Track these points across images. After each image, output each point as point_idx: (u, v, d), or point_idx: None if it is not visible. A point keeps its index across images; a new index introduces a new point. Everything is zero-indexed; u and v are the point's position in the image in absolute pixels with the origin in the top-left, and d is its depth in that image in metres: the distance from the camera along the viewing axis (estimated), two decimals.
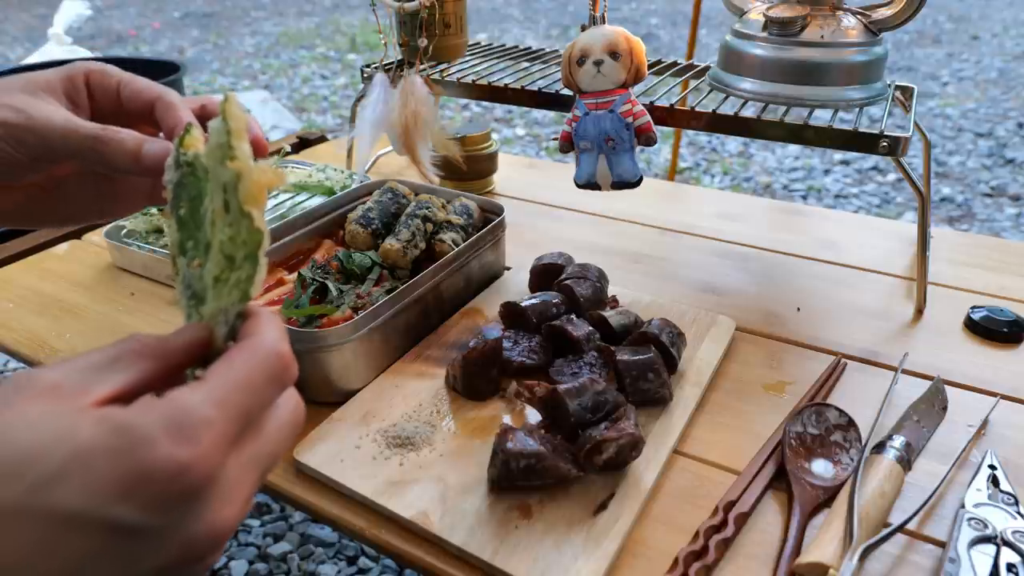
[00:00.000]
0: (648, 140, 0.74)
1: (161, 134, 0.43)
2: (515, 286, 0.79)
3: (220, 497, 0.24)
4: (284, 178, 0.28)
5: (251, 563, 1.33)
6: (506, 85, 0.88)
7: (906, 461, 0.54)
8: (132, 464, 0.22)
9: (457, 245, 0.75)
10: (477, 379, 0.62)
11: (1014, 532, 0.48)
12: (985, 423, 0.60)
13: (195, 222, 0.30)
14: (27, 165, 0.41)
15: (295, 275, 0.72)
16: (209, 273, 0.29)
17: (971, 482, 0.53)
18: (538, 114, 3.58)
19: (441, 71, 0.94)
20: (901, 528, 0.49)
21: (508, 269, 0.83)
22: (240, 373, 0.26)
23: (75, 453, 0.21)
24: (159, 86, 0.44)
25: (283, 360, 0.27)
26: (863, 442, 0.57)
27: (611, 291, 0.76)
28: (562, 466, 0.51)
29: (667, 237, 0.94)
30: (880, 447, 0.55)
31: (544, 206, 1.04)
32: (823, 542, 0.47)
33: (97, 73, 0.43)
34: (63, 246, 0.95)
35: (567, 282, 0.71)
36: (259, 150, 0.41)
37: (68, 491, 0.21)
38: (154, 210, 0.83)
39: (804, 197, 2.77)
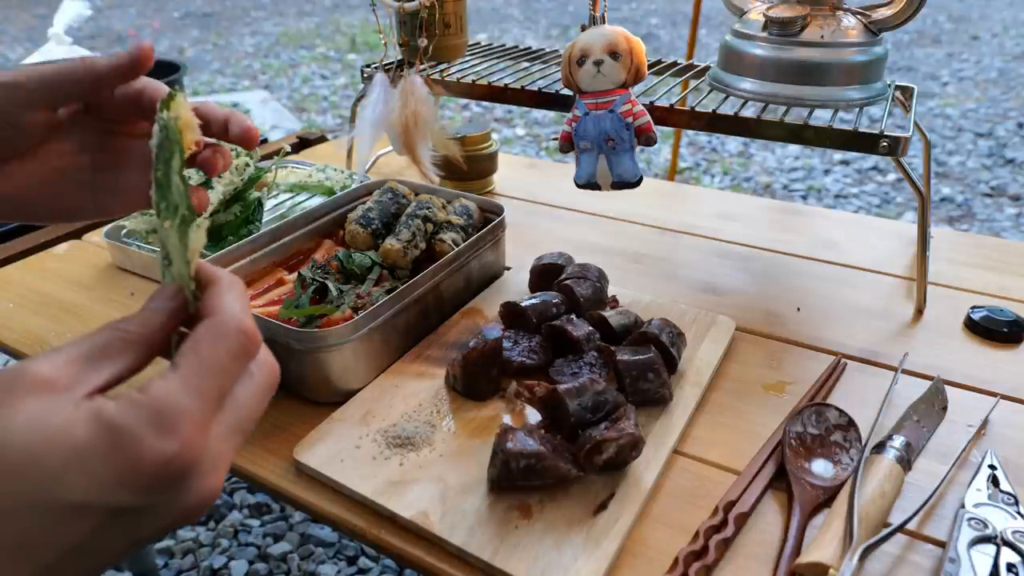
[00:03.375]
0: (648, 140, 0.74)
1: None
2: (515, 286, 0.79)
3: (206, 470, 0.27)
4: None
5: (251, 563, 1.33)
6: (506, 85, 0.88)
7: (906, 461, 0.54)
8: (124, 460, 0.24)
9: (457, 245, 0.75)
10: (477, 379, 0.62)
11: (1014, 532, 0.48)
12: (985, 423, 0.60)
13: (167, 183, 0.32)
14: (23, 117, 0.42)
15: (295, 275, 0.72)
16: (172, 232, 0.31)
17: (971, 482, 0.53)
18: (538, 114, 3.58)
19: (441, 71, 0.94)
20: (901, 528, 0.49)
21: (508, 269, 0.83)
22: (209, 358, 0.27)
23: (73, 452, 0.24)
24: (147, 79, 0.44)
25: (247, 335, 0.29)
26: (863, 442, 0.57)
27: (611, 291, 0.76)
28: (562, 466, 0.51)
29: (667, 237, 0.94)
30: (880, 447, 0.55)
31: (544, 206, 1.04)
32: (823, 542, 0.47)
33: None
34: (63, 246, 0.95)
35: (567, 282, 0.71)
36: (249, 141, 0.44)
37: (72, 485, 0.24)
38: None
39: (804, 197, 2.77)
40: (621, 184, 0.75)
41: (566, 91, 0.80)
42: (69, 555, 0.25)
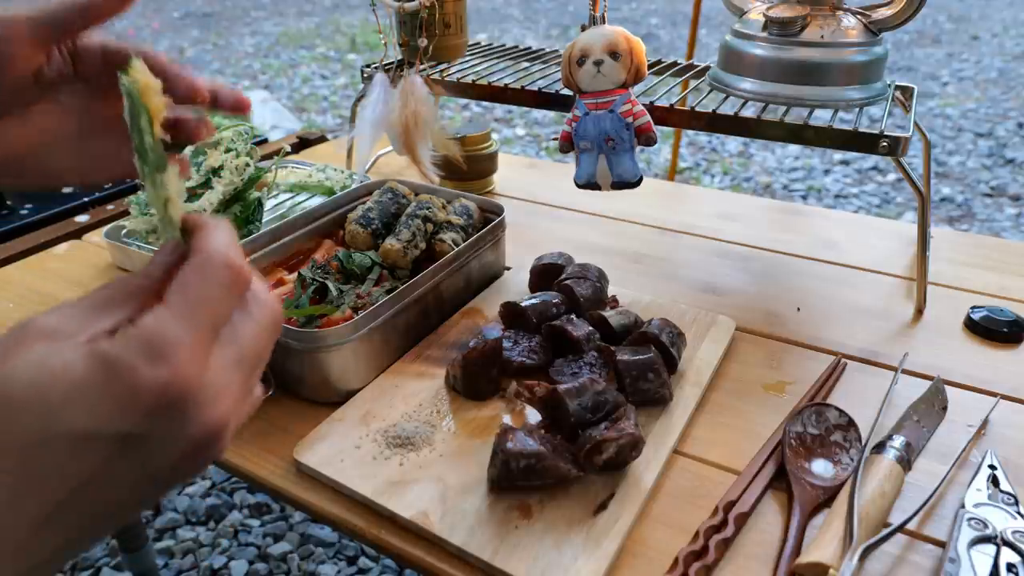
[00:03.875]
0: (648, 140, 0.74)
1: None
2: (515, 286, 0.79)
3: (208, 399, 0.28)
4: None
5: (251, 563, 1.33)
6: (506, 85, 0.88)
7: (906, 461, 0.54)
8: (121, 389, 0.25)
9: (457, 245, 0.75)
10: (477, 379, 0.62)
11: (1014, 532, 0.48)
12: (985, 423, 0.60)
13: (143, 148, 0.33)
14: (12, 48, 0.41)
15: (295, 275, 0.72)
16: (156, 192, 0.32)
17: (971, 482, 0.53)
18: (538, 114, 3.58)
19: (441, 71, 0.94)
20: (901, 528, 0.49)
21: (508, 269, 0.83)
22: (195, 291, 0.28)
23: (74, 385, 0.25)
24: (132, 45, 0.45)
25: (233, 268, 0.30)
26: (863, 442, 0.57)
27: (611, 291, 0.76)
28: (562, 466, 0.51)
29: (667, 237, 0.94)
30: (880, 447, 0.55)
31: (544, 206, 1.04)
32: (823, 542, 0.47)
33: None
34: (63, 246, 0.95)
35: (567, 282, 0.71)
36: (241, 106, 0.44)
37: (75, 416, 0.25)
38: (153, 209, 0.83)
39: (804, 197, 2.77)
40: (621, 184, 0.75)
41: (566, 91, 0.80)
42: (82, 489, 0.26)
